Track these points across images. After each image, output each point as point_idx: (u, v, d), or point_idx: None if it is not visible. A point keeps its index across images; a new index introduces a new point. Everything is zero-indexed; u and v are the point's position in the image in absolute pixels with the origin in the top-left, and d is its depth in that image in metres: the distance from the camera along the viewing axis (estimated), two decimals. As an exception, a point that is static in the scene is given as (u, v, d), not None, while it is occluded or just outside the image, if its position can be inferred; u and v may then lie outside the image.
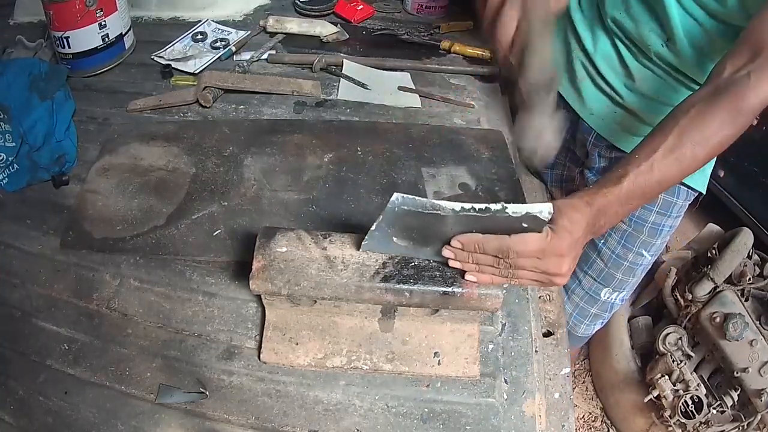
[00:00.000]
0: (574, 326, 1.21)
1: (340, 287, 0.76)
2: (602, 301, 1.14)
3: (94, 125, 1.15)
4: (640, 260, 1.09)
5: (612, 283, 1.12)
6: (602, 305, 1.15)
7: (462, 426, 0.80)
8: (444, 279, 0.76)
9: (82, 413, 0.80)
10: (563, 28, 1.09)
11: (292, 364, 0.82)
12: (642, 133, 1.02)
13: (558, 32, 1.10)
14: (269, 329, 0.84)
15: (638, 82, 0.99)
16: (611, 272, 1.11)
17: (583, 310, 1.18)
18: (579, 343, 1.33)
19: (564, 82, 1.10)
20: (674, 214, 1.06)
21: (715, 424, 1.44)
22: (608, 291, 1.13)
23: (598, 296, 1.14)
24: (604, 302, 1.15)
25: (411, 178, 1.06)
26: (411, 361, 0.83)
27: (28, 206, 1.02)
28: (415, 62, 1.32)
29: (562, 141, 1.20)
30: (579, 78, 1.06)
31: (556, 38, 1.10)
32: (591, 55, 1.03)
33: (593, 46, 1.02)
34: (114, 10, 1.21)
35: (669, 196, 1.04)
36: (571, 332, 1.22)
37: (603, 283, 1.13)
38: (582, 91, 1.07)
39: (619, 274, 1.11)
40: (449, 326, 0.84)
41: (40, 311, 0.89)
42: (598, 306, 1.16)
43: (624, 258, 1.09)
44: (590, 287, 1.15)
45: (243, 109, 1.20)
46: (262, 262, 0.77)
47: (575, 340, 1.27)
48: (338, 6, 1.46)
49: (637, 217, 1.06)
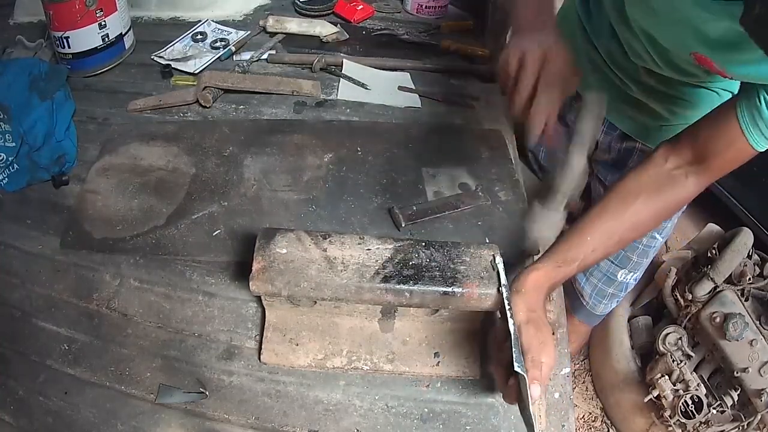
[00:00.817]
0: (594, 306, 1.28)
1: (340, 288, 0.76)
2: (618, 281, 1.22)
3: (94, 125, 1.15)
4: (653, 243, 1.15)
5: (628, 264, 1.19)
6: (618, 285, 1.23)
7: (462, 426, 0.80)
8: (444, 279, 0.76)
9: (82, 413, 0.80)
10: (573, 19, 1.09)
11: (293, 365, 0.82)
12: (653, 123, 1.03)
13: (568, 23, 1.11)
14: (269, 330, 0.84)
15: (644, 76, 0.99)
16: (627, 255, 1.17)
17: (601, 291, 1.25)
18: (596, 321, 1.39)
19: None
20: None
21: (715, 424, 1.44)
22: (624, 272, 1.20)
23: (615, 277, 1.21)
24: (620, 282, 1.22)
25: (411, 178, 1.06)
26: (411, 362, 0.83)
27: (28, 206, 1.02)
28: (415, 62, 1.32)
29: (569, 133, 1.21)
30: (590, 69, 1.07)
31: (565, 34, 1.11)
32: (599, 48, 1.04)
33: (599, 43, 1.03)
34: (114, 10, 1.21)
35: None
36: (591, 312, 1.29)
37: (620, 265, 1.20)
38: (591, 82, 1.07)
39: (634, 257, 1.17)
40: (449, 326, 0.84)
41: (40, 311, 0.89)
42: (614, 286, 1.23)
43: (639, 241, 1.14)
44: (608, 269, 1.21)
45: (243, 109, 1.20)
46: (262, 263, 0.77)
47: (594, 319, 1.35)
48: (338, 6, 1.46)
49: None
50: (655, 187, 0.79)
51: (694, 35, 0.73)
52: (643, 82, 0.99)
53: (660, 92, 0.99)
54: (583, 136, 0.80)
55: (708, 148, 0.75)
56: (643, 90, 1.00)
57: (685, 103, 0.98)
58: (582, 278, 1.27)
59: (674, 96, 0.98)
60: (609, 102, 1.05)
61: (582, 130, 0.80)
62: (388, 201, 1.02)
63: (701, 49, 0.74)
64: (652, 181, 0.79)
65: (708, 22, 0.70)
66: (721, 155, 0.74)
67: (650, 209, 0.79)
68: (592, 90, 0.80)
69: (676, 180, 0.78)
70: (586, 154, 0.80)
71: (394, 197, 1.03)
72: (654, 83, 0.98)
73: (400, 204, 1.00)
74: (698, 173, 0.78)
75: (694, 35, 0.73)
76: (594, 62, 1.05)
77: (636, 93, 1.01)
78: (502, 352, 0.73)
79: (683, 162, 0.78)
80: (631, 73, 0.99)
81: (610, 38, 0.99)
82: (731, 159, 0.75)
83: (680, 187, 0.78)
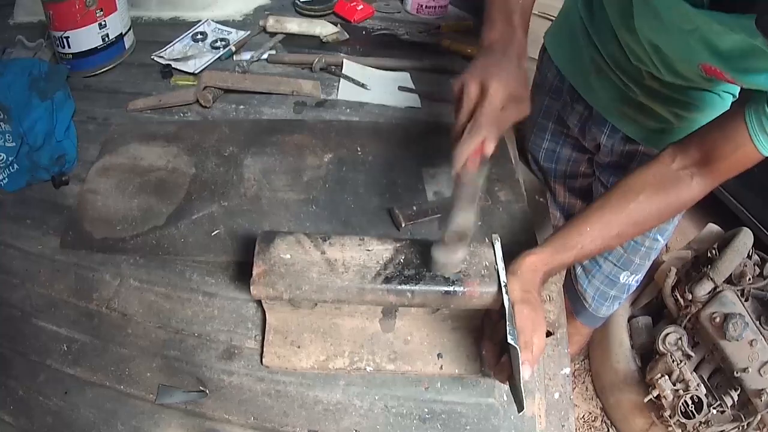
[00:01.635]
0: (597, 308, 1.27)
1: (341, 290, 0.76)
2: (621, 283, 1.21)
3: (94, 125, 1.15)
4: (655, 245, 1.15)
5: (631, 267, 1.19)
6: (621, 287, 1.22)
7: (462, 426, 0.80)
8: (445, 279, 0.76)
9: (82, 413, 0.80)
10: (575, 19, 1.09)
11: (295, 368, 0.82)
12: (656, 126, 1.03)
13: (569, 23, 1.11)
14: (270, 333, 0.84)
15: (647, 80, 0.99)
16: (630, 257, 1.17)
17: (603, 293, 1.24)
18: (599, 323, 1.39)
19: (577, 76, 1.11)
20: None
21: (715, 424, 1.44)
22: (626, 274, 1.20)
23: (617, 279, 1.21)
24: (623, 284, 1.22)
25: (411, 178, 1.06)
26: (413, 361, 0.83)
27: (28, 206, 1.02)
28: (415, 62, 1.32)
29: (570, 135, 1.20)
30: (591, 72, 1.06)
31: (566, 34, 1.12)
32: (601, 51, 1.03)
33: (602, 45, 1.03)
34: (114, 10, 1.21)
35: None
36: (593, 314, 1.29)
37: (622, 268, 1.19)
38: (593, 84, 1.07)
39: (637, 259, 1.17)
40: (450, 324, 0.84)
41: (40, 311, 0.89)
42: (617, 288, 1.23)
43: (641, 244, 1.14)
44: (610, 272, 1.21)
45: (243, 109, 1.20)
46: (262, 267, 0.76)
47: (596, 321, 1.34)
48: (338, 6, 1.46)
49: None
50: (659, 184, 0.79)
51: (705, 48, 0.73)
52: (647, 85, 0.98)
53: (663, 95, 0.98)
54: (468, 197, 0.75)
55: (715, 151, 0.76)
56: (647, 93, 0.99)
57: (689, 106, 0.98)
58: (584, 280, 1.27)
59: (678, 99, 0.98)
60: (612, 105, 1.05)
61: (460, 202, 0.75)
62: (388, 201, 1.02)
63: (712, 61, 0.74)
64: (657, 180, 0.80)
65: (720, 35, 0.70)
66: (728, 159, 0.75)
67: (652, 206, 0.79)
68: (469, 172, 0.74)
69: (681, 180, 0.79)
70: (473, 209, 0.75)
71: (394, 197, 1.03)
72: (658, 87, 0.97)
73: (400, 204, 1.00)
74: (704, 175, 0.78)
75: (704, 48, 0.73)
76: (596, 64, 1.04)
77: (639, 96, 1.01)
78: (496, 331, 0.73)
79: (690, 163, 0.79)
80: (635, 76, 0.99)
81: (612, 41, 0.99)
82: (737, 163, 0.76)
83: (685, 188, 0.79)
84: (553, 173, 1.31)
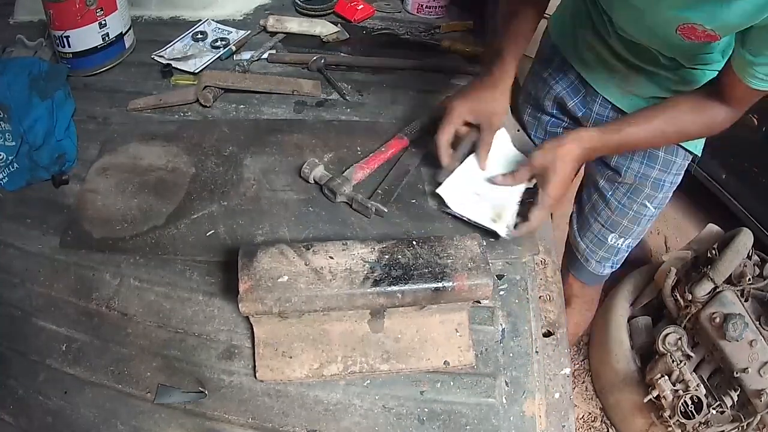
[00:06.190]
0: (588, 262, 1.31)
1: (331, 298, 0.75)
2: (609, 245, 1.25)
3: (94, 125, 1.15)
4: (644, 210, 1.19)
5: (618, 228, 1.22)
6: (609, 249, 1.26)
7: (462, 426, 0.80)
8: (433, 275, 0.76)
9: (82, 413, 0.80)
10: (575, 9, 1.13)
11: (290, 378, 0.81)
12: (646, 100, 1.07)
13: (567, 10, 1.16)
14: (260, 346, 0.82)
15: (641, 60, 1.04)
16: (618, 219, 1.21)
17: (592, 252, 1.28)
18: (593, 282, 1.39)
19: (580, 61, 1.14)
20: (674, 171, 1.14)
21: (714, 425, 1.44)
22: (615, 236, 1.24)
23: (605, 240, 1.25)
24: (611, 246, 1.25)
25: (411, 178, 1.06)
26: (406, 358, 0.83)
27: (28, 206, 1.02)
28: (415, 62, 1.32)
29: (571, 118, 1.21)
30: (595, 54, 1.10)
31: (568, 17, 1.17)
32: (604, 37, 1.06)
33: (606, 32, 1.05)
34: (114, 10, 1.21)
35: (669, 155, 1.12)
36: (585, 268, 1.31)
37: (610, 229, 1.23)
38: (596, 66, 1.11)
39: (624, 222, 1.21)
40: (438, 318, 0.84)
41: (40, 311, 0.89)
42: (605, 249, 1.26)
43: (629, 208, 1.19)
44: (599, 231, 1.25)
45: (243, 109, 1.20)
46: (248, 282, 0.75)
47: (591, 278, 1.35)
48: (338, 5, 1.46)
49: (642, 174, 1.14)
50: (697, 103, 0.94)
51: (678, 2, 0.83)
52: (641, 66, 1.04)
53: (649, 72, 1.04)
54: None
55: (725, 90, 0.90)
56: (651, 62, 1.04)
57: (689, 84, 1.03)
58: (577, 234, 1.30)
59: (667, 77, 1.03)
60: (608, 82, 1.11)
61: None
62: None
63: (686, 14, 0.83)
64: (695, 100, 0.94)
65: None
66: (734, 95, 0.90)
67: (690, 116, 0.94)
68: None
69: (715, 105, 0.92)
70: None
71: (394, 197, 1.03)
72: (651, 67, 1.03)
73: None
74: (728, 105, 0.92)
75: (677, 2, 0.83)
76: (598, 34, 1.08)
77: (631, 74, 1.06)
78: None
79: (716, 96, 0.92)
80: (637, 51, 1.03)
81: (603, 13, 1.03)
82: (742, 98, 0.89)
83: (718, 110, 0.92)
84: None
